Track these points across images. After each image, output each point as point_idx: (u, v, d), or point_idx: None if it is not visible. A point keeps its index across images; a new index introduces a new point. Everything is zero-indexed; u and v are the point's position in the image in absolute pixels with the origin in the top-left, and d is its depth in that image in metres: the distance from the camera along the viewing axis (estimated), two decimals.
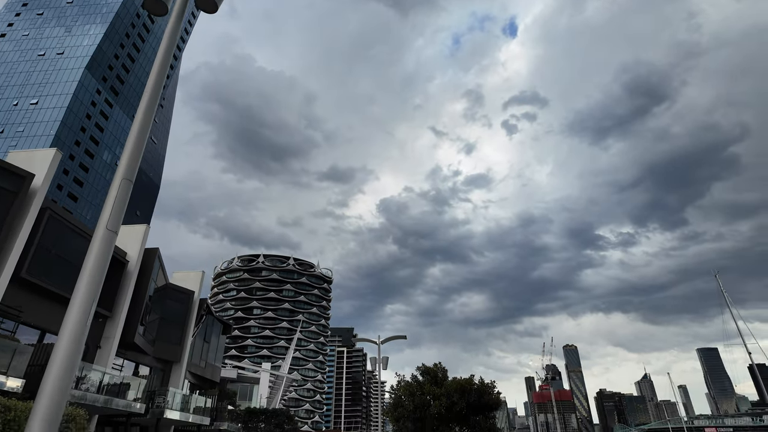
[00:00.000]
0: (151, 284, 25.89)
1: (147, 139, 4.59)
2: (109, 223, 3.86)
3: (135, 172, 4.36)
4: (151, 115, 4.51)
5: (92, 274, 3.73)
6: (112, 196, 4.02)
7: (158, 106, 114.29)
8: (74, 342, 3.40)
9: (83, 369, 18.57)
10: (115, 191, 4.04)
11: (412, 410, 38.21)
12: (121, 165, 4.26)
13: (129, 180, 4.20)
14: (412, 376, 42.14)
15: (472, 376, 40.21)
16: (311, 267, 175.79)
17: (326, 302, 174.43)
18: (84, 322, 3.57)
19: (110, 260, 17.00)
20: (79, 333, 3.50)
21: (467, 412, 37.58)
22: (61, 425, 11.59)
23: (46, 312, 18.64)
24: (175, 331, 29.47)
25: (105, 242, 3.84)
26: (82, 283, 3.70)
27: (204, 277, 33.80)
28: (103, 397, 18.82)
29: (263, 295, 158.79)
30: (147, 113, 4.50)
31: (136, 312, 24.05)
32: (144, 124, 4.45)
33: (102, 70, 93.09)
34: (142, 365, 26.74)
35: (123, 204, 4.11)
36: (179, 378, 29.08)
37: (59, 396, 3.17)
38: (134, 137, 4.40)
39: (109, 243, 3.88)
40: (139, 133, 4.41)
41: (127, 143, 4.40)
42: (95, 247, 3.83)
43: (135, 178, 4.30)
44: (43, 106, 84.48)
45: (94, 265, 3.76)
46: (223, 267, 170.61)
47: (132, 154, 4.35)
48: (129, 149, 4.36)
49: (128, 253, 24.46)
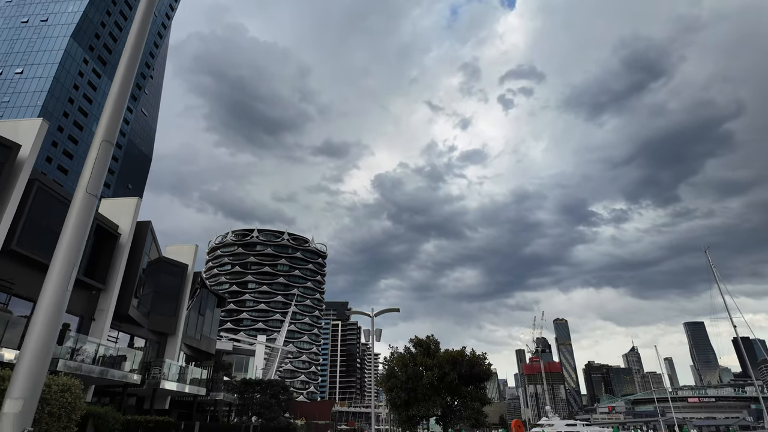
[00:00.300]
0: (144, 257, 25.81)
1: (127, 100, 4.38)
2: (89, 186, 3.71)
3: (115, 134, 4.18)
4: (131, 74, 4.29)
5: (72, 239, 3.60)
6: (91, 158, 3.85)
7: (148, 77, 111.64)
8: (54, 309, 3.31)
9: (77, 341, 18.65)
10: (94, 153, 3.87)
11: (405, 381, 39.02)
12: (100, 126, 4.07)
13: (109, 142, 4.02)
14: (405, 348, 42.88)
15: (464, 348, 40.99)
16: (306, 242, 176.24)
17: (321, 277, 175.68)
18: (64, 289, 3.46)
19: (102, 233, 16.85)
20: (59, 300, 3.40)
21: (459, 382, 38.45)
22: (56, 395, 11.65)
23: (38, 284, 18.47)
24: (169, 304, 29.60)
25: (85, 206, 3.70)
26: (62, 248, 3.58)
27: (197, 251, 33.73)
28: (98, 368, 18.97)
29: (258, 270, 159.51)
30: (127, 73, 4.27)
31: (129, 285, 24.06)
32: (124, 83, 4.23)
33: (88, 38, 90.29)
34: (138, 337, 26.93)
35: (103, 167, 3.95)
36: (175, 350, 29.37)
37: (39, 365, 3.09)
38: (114, 97, 4.20)
39: (90, 207, 3.74)
40: (119, 94, 4.20)
41: (106, 103, 4.20)
42: (75, 211, 3.69)
43: (115, 140, 4.13)
44: (28, 76, 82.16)
45: (73, 229, 3.63)
46: (217, 241, 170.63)
47: (112, 115, 4.15)
48: (109, 110, 4.16)
49: (120, 226, 24.29)
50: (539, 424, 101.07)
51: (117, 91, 4.22)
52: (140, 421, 18.24)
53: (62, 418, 11.55)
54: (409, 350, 42.18)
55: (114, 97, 4.20)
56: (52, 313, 3.29)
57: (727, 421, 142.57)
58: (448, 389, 39.24)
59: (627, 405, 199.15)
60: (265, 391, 42.03)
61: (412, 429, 45.88)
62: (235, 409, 41.38)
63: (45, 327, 3.22)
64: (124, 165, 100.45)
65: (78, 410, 12.14)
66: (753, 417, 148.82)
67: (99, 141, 3.97)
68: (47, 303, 3.30)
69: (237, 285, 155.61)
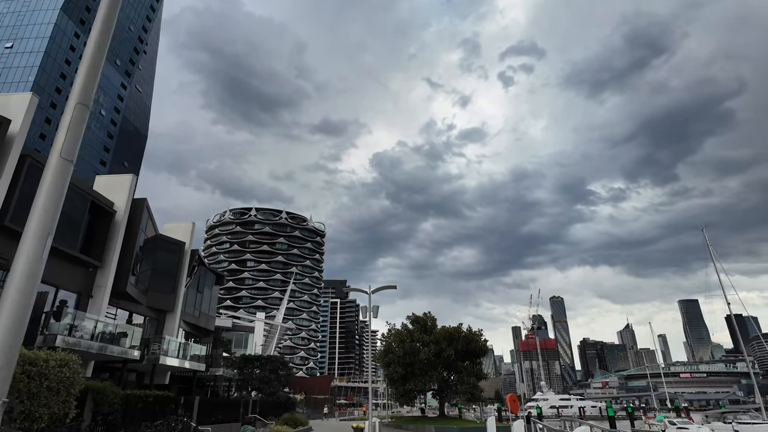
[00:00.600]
0: (140, 235, 25.69)
1: (104, 60, 4.16)
2: (64, 151, 3.53)
3: (91, 96, 3.96)
4: (107, 32, 4.03)
5: (46, 205, 3.44)
6: (66, 121, 3.66)
7: (142, 53, 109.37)
8: (28, 277, 3.18)
9: (75, 317, 18.70)
10: (69, 116, 3.68)
11: (402, 356, 39.60)
12: (74, 88, 3.86)
13: (84, 105, 3.81)
14: (402, 324, 43.34)
15: (461, 324, 41.52)
16: (304, 221, 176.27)
17: (319, 255, 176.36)
18: (39, 257, 3.32)
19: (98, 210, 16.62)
20: (33, 268, 3.26)
21: (455, 358, 39.07)
22: (54, 370, 11.68)
23: None
24: (167, 281, 29.64)
25: (59, 171, 3.53)
26: (35, 214, 3.42)
27: (194, 229, 33.60)
28: (97, 344, 19.06)
29: (256, 248, 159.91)
30: (103, 30, 4.00)
31: (126, 262, 24.00)
32: (100, 42, 3.97)
33: (79, 11, 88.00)
34: (136, 314, 27.05)
35: (78, 131, 3.76)
36: (173, 326, 29.57)
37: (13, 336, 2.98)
38: (89, 57, 3.95)
39: (65, 172, 3.57)
40: (95, 53, 3.95)
41: (81, 64, 3.96)
42: (48, 175, 3.52)
43: (91, 102, 3.92)
44: (19, 50, 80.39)
45: (47, 195, 3.46)
46: (215, 220, 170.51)
47: (87, 76, 3.92)
48: (84, 71, 3.92)
49: (116, 203, 24.08)
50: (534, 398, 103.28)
51: (92, 50, 3.98)
52: (140, 396, 18.42)
53: (61, 392, 11.63)
54: (406, 327, 42.70)
55: (89, 57, 3.97)
56: (26, 282, 3.16)
57: (718, 396, 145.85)
58: (445, 365, 39.89)
59: (620, 380, 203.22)
60: (265, 366, 42.64)
61: (409, 403, 46.83)
62: (235, 384, 42.03)
63: (19, 296, 3.10)
64: (120, 142, 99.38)
65: (77, 385, 12.22)
66: (743, 392, 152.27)
67: (73, 103, 3.77)
68: (21, 271, 3.17)
69: (236, 263, 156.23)
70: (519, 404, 30.52)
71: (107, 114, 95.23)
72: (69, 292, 21.01)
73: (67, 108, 3.73)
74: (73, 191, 21.02)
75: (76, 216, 21.06)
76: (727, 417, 53.13)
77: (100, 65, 4.06)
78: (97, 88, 18.94)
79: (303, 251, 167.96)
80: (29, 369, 10.64)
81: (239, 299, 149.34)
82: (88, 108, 3.81)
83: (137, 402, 18.08)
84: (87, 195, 21.81)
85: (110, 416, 16.17)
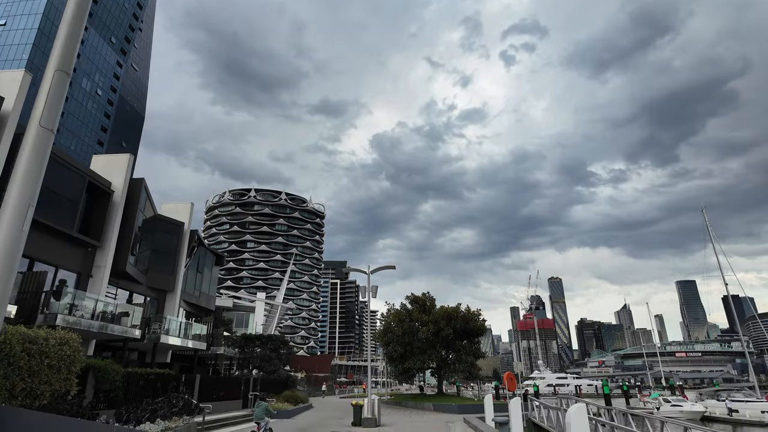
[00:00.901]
0: (138, 215, 25.62)
1: (84, 24, 3.99)
2: (43, 119, 3.40)
3: (71, 63, 3.81)
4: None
5: (26, 175, 3.33)
6: (45, 88, 3.51)
7: (137, 30, 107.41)
8: (9, 250, 3.09)
9: (75, 296, 18.77)
10: (48, 84, 3.54)
11: (401, 335, 40.03)
12: (53, 54, 3.69)
13: (64, 72, 3.65)
14: (401, 304, 43.67)
15: (459, 304, 41.80)
16: (303, 202, 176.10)
17: (319, 236, 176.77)
18: (20, 228, 3.23)
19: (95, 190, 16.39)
20: (14, 240, 3.16)
21: (453, 337, 39.48)
22: (54, 348, 11.75)
23: (33, 241, 18.46)
24: (166, 261, 29.72)
25: (39, 140, 3.41)
26: (15, 185, 3.31)
27: (193, 209, 33.52)
28: (98, 323, 19.18)
29: (256, 229, 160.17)
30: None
31: (125, 242, 24.00)
32: (80, 5, 3.80)
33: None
34: (136, 294, 27.19)
35: (59, 99, 3.62)
36: (174, 306, 29.77)
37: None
38: (68, 22, 3.77)
39: (45, 142, 3.45)
40: (74, 17, 3.77)
41: (60, 29, 3.77)
42: (28, 145, 3.39)
43: (71, 70, 3.77)
44: (12, 28, 78.91)
45: (27, 165, 3.34)
46: (214, 201, 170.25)
47: (66, 41, 3.75)
48: (63, 36, 3.74)
49: (113, 183, 23.94)
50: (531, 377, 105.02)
51: (72, 13, 3.79)
52: (141, 374, 18.64)
53: (62, 370, 11.74)
54: (405, 307, 43.04)
55: (68, 22, 3.79)
56: (6, 255, 3.08)
57: (712, 374, 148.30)
58: (443, 344, 40.34)
59: (617, 360, 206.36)
60: (266, 345, 43.09)
61: (408, 381, 47.56)
62: (237, 362, 42.55)
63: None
64: (117, 122, 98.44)
65: (77, 363, 12.33)
66: (737, 371, 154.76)
67: (52, 71, 3.61)
68: (1, 244, 3.08)
69: (236, 244, 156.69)
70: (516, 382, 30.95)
71: (103, 93, 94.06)
72: (68, 271, 21.06)
73: (45, 75, 3.59)
74: (69, 170, 20.88)
75: (73, 196, 20.95)
76: (720, 395, 54.05)
77: (80, 31, 3.89)
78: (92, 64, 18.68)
79: (303, 232, 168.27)
80: (29, 347, 10.70)
81: (240, 280, 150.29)
82: (68, 75, 3.66)
83: (138, 379, 18.30)
84: (84, 174, 21.65)
85: (112, 393, 16.40)
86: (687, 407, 40.27)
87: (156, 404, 16.13)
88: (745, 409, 39.43)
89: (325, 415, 29.39)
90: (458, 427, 20.96)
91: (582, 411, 10.85)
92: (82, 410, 12.36)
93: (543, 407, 23.28)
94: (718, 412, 41.37)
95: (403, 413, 31.22)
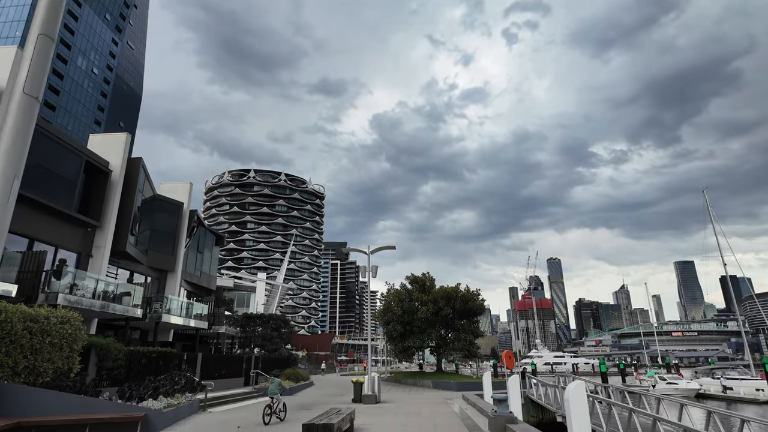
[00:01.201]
0: (137, 194, 25.47)
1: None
2: (27, 86, 3.27)
3: (55, 28, 3.65)
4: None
5: (10, 146, 3.21)
6: (28, 53, 3.36)
7: (132, 6, 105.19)
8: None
9: (76, 276, 18.79)
10: (31, 48, 3.38)
11: (401, 315, 40.35)
12: (36, 17, 3.52)
13: (48, 36, 3.50)
14: (401, 284, 43.89)
15: (458, 284, 41.98)
16: (303, 183, 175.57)
17: (319, 217, 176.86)
18: (5, 202, 3.13)
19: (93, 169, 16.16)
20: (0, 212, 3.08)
21: (453, 316, 39.81)
22: (55, 326, 11.77)
23: (32, 221, 18.41)
24: (166, 241, 29.71)
25: (23, 108, 3.28)
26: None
27: (192, 189, 33.34)
28: (99, 302, 19.25)
29: (256, 210, 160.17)
30: None
31: (125, 221, 23.92)
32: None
33: None
34: (137, 273, 27.27)
35: (43, 65, 3.47)
36: (175, 286, 29.89)
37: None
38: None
39: (30, 110, 3.32)
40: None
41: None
42: (12, 113, 3.27)
43: (56, 35, 3.60)
44: (5, 5, 77.28)
45: (12, 135, 3.22)
46: (213, 181, 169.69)
47: (49, 4, 3.59)
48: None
49: (111, 162, 23.71)
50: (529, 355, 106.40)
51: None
52: (143, 352, 18.80)
53: (64, 348, 11.82)
54: (405, 287, 43.26)
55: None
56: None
57: (707, 353, 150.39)
58: (443, 323, 40.71)
59: (614, 339, 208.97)
60: (267, 324, 43.55)
61: (408, 359, 48.19)
62: (238, 341, 43.05)
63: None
64: (114, 102, 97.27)
65: (79, 341, 12.41)
66: (732, 350, 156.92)
67: (35, 35, 3.45)
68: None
69: (236, 225, 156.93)
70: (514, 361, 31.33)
71: (99, 72, 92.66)
72: (68, 251, 21.03)
73: (28, 40, 3.43)
74: (67, 150, 20.65)
75: (71, 175, 20.78)
76: (715, 373, 54.86)
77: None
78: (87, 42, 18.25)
79: (303, 213, 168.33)
80: (31, 325, 10.73)
81: (240, 260, 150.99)
82: (52, 40, 3.50)
83: (141, 358, 18.46)
84: (81, 154, 21.43)
85: (114, 371, 16.56)
86: (682, 385, 40.92)
87: (158, 382, 16.30)
88: (739, 387, 40.09)
89: (326, 392, 29.83)
90: (457, 404, 21.28)
91: (581, 388, 10.94)
92: (85, 387, 12.48)
93: (541, 385, 23.58)
94: (712, 390, 42.08)
95: (402, 390, 31.70)
